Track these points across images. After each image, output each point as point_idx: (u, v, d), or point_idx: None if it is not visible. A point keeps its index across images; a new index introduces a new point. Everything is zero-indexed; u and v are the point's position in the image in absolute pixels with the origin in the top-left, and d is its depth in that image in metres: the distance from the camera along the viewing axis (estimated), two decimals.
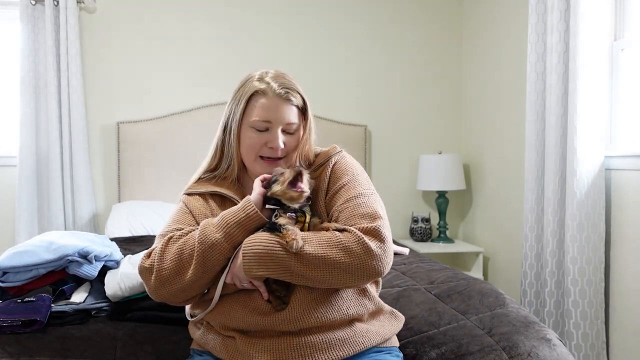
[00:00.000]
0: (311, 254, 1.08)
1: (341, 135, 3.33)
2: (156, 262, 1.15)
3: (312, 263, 1.08)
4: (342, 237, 1.10)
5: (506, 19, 3.05)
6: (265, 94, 1.24)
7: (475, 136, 3.42)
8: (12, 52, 3.17)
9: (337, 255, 1.08)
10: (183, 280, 1.13)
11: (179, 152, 3.20)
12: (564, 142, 2.32)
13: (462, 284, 1.72)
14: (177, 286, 1.14)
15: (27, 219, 3.05)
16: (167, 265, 1.14)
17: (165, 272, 1.14)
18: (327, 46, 3.44)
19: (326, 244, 1.09)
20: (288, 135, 1.26)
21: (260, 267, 1.09)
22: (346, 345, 1.14)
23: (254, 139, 1.25)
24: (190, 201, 1.28)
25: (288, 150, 1.27)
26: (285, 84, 1.26)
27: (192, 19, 3.30)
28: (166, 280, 1.14)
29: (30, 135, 3.06)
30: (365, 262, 1.09)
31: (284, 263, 1.08)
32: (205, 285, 1.16)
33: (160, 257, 1.15)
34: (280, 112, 1.24)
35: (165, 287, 1.15)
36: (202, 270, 1.12)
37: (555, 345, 1.31)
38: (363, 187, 1.23)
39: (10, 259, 1.52)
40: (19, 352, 1.28)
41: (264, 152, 1.26)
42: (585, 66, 2.18)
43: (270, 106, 1.23)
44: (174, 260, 1.14)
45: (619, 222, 2.21)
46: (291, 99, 1.25)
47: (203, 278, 1.13)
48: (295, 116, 1.26)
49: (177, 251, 1.14)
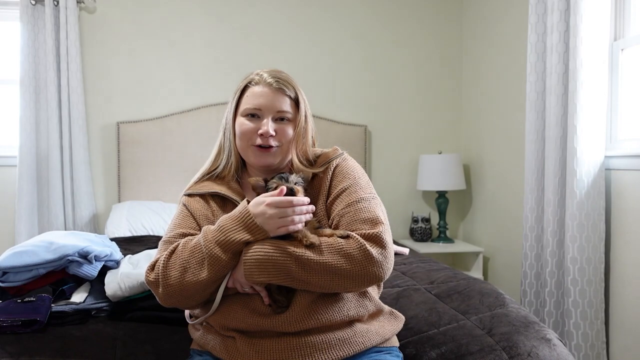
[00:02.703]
0: (312, 260, 1.08)
1: (341, 135, 3.34)
2: (161, 277, 1.14)
3: (313, 269, 1.08)
4: (344, 243, 1.11)
5: (506, 19, 3.05)
6: (258, 84, 1.26)
7: (475, 136, 3.42)
8: (12, 52, 3.17)
9: (339, 262, 1.08)
10: (190, 291, 1.13)
11: (179, 152, 3.21)
12: (564, 142, 2.32)
13: (462, 284, 1.72)
14: (185, 295, 1.14)
15: (27, 219, 3.05)
16: (173, 281, 1.13)
17: (171, 288, 1.13)
18: (327, 46, 3.44)
19: (327, 251, 1.09)
20: (280, 124, 1.26)
21: (261, 273, 1.09)
22: (346, 346, 1.14)
23: (246, 126, 1.26)
24: (190, 203, 1.27)
25: (281, 139, 1.26)
26: (278, 75, 1.28)
27: (192, 19, 3.30)
28: (173, 293, 1.14)
29: (30, 135, 3.06)
30: (366, 269, 1.09)
31: (285, 269, 1.08)
32: (213, 290, 1.16)
33: (165, 271, 1.14)
34: (271, 100, 1.25)
35: (173, 298, 1.15)
36: (207, 282, 1.12)
37: (555, 345, 1.31)
38: (364, 191, 1.23)
39: (10, 259, 1.52)
40: (19, 352, 1.28)
41: (256, 140, 1.25)
42: (585, 66, 2.18)
43: (261, 94, 1.25)
44: (178, 275, 1.13)
45: (619, 222, 2.21)
46: (283, 88, 1.26)
47: (210, 287, 1.14)
48: (287, 106, 1.27)
49: (181, 266, 1.13)
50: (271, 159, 1.27)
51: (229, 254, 1.10)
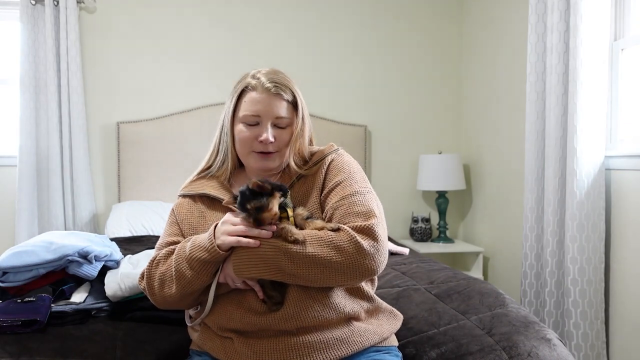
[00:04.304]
0: (302, 252, 1.07)
1: (341, 135, 3.33)
2: (147, 288, 1.23)
3: (303, 262, 1.07)
4: (334, 235, 1.10)
5: (506, 19, 3.05)
6: (255, 89, 1.25)
7: (475, 136, 3.42)
8: (12, 52, 3.17)
9: (329, 254, 1.08)
10: (170, 302, 1.19)
11: (179, 152, 3.20)
12: (564, 142, 2.32)
13: (462, 284, 1.72)
14: (170, 302, 1.20)
15: (27, 219, 3.05)
16: (156, 291, 1.21)
17: (155, 297, 1.22)
18: (327, 46, 3.44)
19: (317, 243, 1.09)
20: (279, 130, 1.26)
21: (250, 268, 1.09)
22: (344, 345, 1.14)
23: (245, 133, 1.26)
24: (178, 208, 1.31)
25: (280, 144, 1.27)
26: (275, 79, 1.26)
27: (192, 19, 3.30)
28: (158, 301, 1.22)
29: (30, 135, 3.06)
30: (357, 261, 1.09)
31: (275, 263, 1.08)
32: (199, 291, 1.17)
33: (149, 283, 1.22)
34: (269, 106, 1.24)
35: (161, 305, 1.23)
36: (178, 296, 1.17)
37: (555, 345, 1.31)
38: (359, 185, 1.22)
39: (10, 259, 1.52)
40: (19, 352, 1.28)
41: (256, 147, 1.26)
42: (585, 66, 2.18)
43: (260, 100, 1.24)
44: (158, 286, 1.20)
45: (619, 222, 2.21)
46: (281, 93, 1.25)
47: (187, 298, 1.18)
48: (285, 110, 1.26)
49: (159, 280, 1.20)
50: (271, 164, 1.28)
51: (193, 271, 1.12)
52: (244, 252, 1.09)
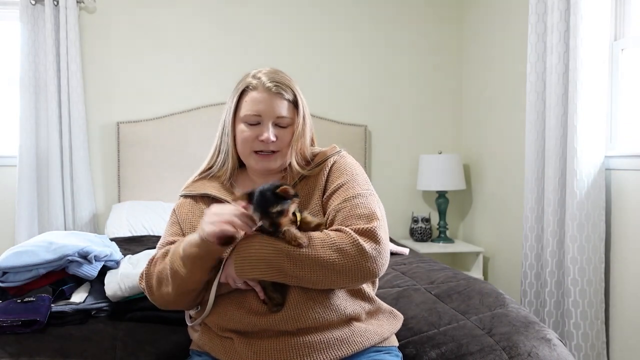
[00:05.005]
0: (304, 255, 1.07)
1: (341, 135, 3.33)
2: (146, 288, 1.23)
3: (305, 264, 1.07)
4: (336, 238, 1.10)
5: (506, 19, 3.05)
6: (256, 89, 1.25)
7: (475, 136, 3.42)
8: (12, 52, 3.17)
9: (331, 257, 1.08)
10: (168, 300, 1.19)
11: (179, 152, 3.20)
12: (564, 142, 2.32)
13: (462, 284, 1.72)
14: (169, 301, 1.20)
15: (27, 219, 3.05)
16: (154, 290, 1.21)
17: (154, 296, 1.22)
18: (327, 46, 3.44)
19: (319, 245, 1.09)
20: (280, 129, 1.26)
21: (253, 269, 1.09)
22: (344, 345, 1.14)
23: (247, 132, 1.26)
24: (179, 208, 1.31)
25: (281, 144, 1.27)
26: (276, 78, 1.26)
27: (192, 19, 3.30)
28: (156, 301, 1.22)
29: (30, 135, 3.06)
30: (359, 264, 1.09)
31: (277, 265, 1.08)
32: (196, 290, 1.17)
33: (147, 282, 1.22)
34: (270, 106, 1.24)
35: (161, 305, 1.23)
36: (174, 294, 1.17)
37: (555, 345, 1.31)
38: (361, 187, 1.22)
39: (10, 259, 1.52)
40: (19, 352, 1.27)
41: (257, 146, 1.26)
42: (585, 66, 2.18)
43: (260, 100, 1.24)
44: (156, 285, 1.20)
45: (619, 222, 2.21)
46: (282, 92, 1.25)
47: (186, 296, 1.17)
48: (286, 110, 1.26)
49: (157, 279, 1.20)
50: (272, 164, 1.28)
51: (186, 269, 1.12)
52: (246, 252, 1.09)
